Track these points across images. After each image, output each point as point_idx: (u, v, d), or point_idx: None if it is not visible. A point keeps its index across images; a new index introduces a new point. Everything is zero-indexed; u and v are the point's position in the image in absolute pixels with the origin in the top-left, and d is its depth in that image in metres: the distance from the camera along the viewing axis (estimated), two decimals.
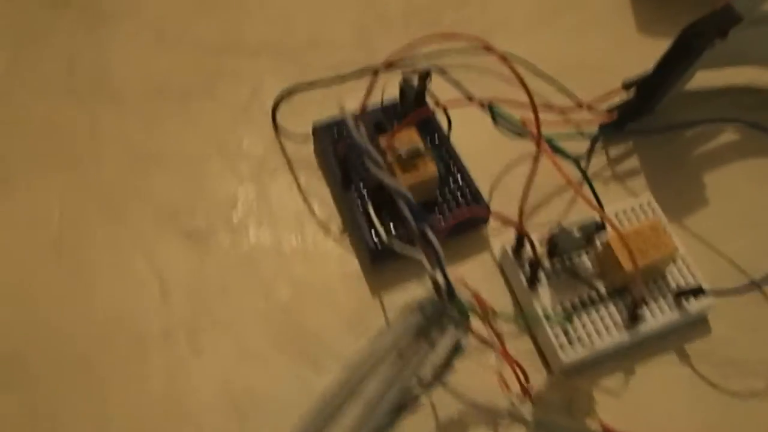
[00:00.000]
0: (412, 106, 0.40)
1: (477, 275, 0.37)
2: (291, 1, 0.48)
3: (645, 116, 0.41)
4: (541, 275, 0.35)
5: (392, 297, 0.37)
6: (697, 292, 0.34)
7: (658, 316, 0.35)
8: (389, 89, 0.40)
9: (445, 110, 0.39)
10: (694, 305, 0.35)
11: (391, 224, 0.37)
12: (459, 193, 0.38)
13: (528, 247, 0.35)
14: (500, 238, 0.38)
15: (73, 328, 0.35)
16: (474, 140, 0.39)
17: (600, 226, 0.36)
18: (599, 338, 0.34)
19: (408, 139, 0.36)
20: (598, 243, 0.36)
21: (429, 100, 0.40)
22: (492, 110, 0.32)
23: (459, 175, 0.39)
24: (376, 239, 0.36)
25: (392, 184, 0.30)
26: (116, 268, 0.37)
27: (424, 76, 0.39)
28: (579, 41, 0.46)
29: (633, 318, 0.35)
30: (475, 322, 0.31)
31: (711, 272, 0.36)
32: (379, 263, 0.37)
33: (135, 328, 0.35)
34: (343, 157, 0.38)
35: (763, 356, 0.36)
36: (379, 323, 0.36)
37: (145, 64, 0.45)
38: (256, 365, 0.35)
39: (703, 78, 0.41)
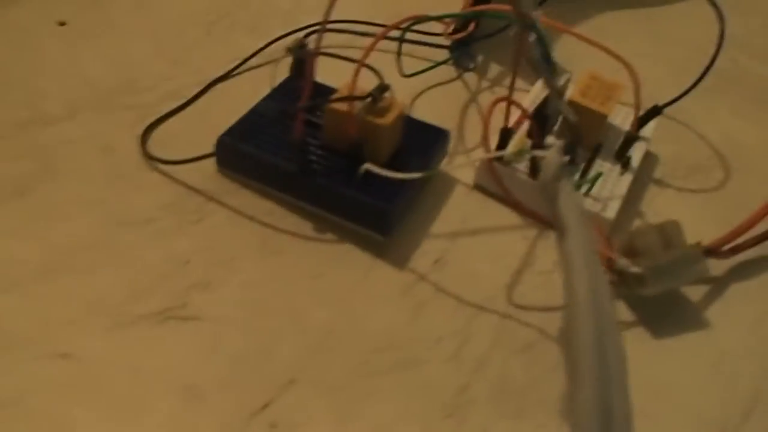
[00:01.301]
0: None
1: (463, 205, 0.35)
2: (75, 53, 0.39)
3: None
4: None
5: (418, 261, 0.32)
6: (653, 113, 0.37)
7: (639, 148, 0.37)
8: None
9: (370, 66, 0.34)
10: (649, 129, 0.38)
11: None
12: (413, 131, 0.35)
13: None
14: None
15: None
16: None
17: None
18: (617, 186, 0.35)
19: (358, 88, 0.32)
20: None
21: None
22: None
23: None
24: (385, 200, 0.31)
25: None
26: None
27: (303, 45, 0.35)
28: None
29: (623, 161, 0.36)
30: None
31: None
32: (395, 226, 0.32)
33: None
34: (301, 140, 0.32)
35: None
36: (429, 293, 0.31)
37: None
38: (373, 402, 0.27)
39: None
